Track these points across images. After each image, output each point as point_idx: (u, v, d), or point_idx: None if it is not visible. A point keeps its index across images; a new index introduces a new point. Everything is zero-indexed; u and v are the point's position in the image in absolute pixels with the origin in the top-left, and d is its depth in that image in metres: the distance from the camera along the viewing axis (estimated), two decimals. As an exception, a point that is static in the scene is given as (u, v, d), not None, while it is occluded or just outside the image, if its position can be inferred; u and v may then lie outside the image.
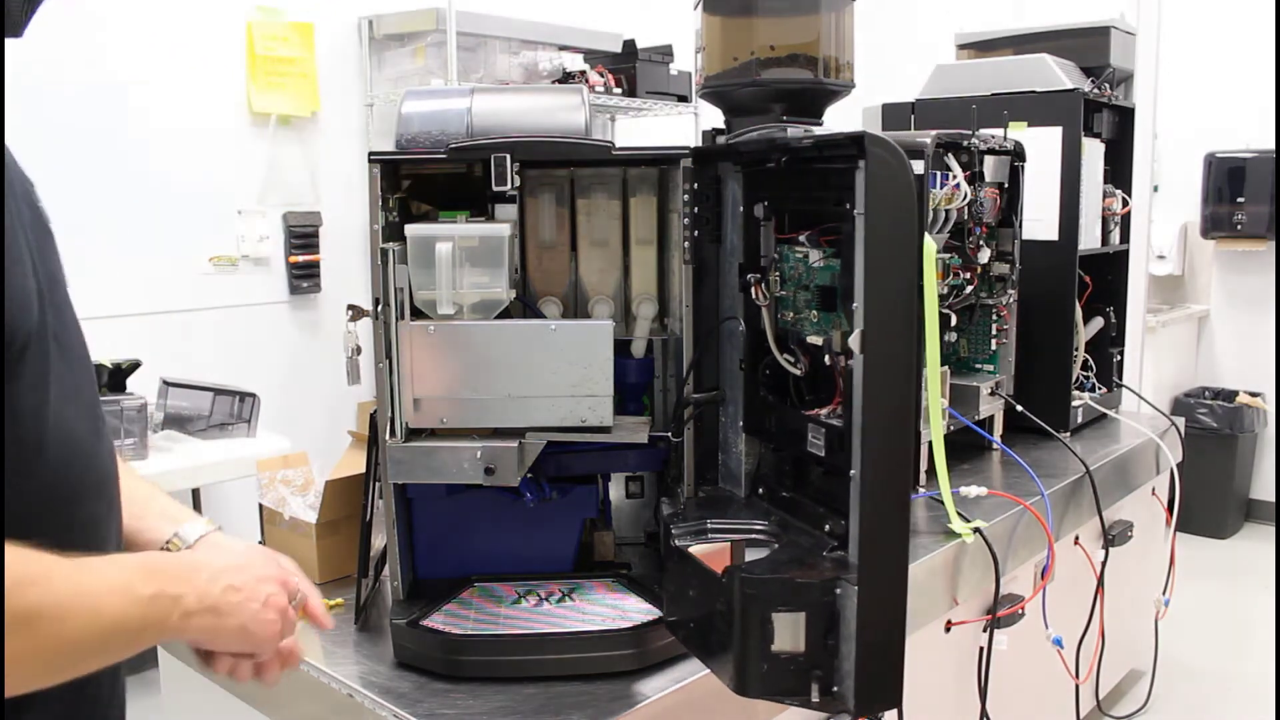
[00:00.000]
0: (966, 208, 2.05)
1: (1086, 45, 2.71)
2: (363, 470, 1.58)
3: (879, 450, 1.04)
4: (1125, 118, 2.75)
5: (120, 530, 0.99)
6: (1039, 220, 2.42)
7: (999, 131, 2.17)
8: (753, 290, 1.40)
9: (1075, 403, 2.53)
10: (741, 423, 1.46)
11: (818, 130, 1.68)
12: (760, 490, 1.45)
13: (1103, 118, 2.63)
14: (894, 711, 1.53)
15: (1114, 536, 2.35)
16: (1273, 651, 3.16)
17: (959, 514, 1.82)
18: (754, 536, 1.33)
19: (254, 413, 3.02)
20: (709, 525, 1.34)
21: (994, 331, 2.29)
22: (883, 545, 1.04)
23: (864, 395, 1.05)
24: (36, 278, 0.84)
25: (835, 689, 1.07)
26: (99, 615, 0.81)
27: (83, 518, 0.91)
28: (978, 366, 2.32)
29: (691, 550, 1.27)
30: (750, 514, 1.38)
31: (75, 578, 0.81)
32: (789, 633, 1.07)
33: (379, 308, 1.33)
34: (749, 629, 1.08)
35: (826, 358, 1.31)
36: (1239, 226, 4.58)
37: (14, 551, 0.76)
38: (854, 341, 1.27)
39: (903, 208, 1.03)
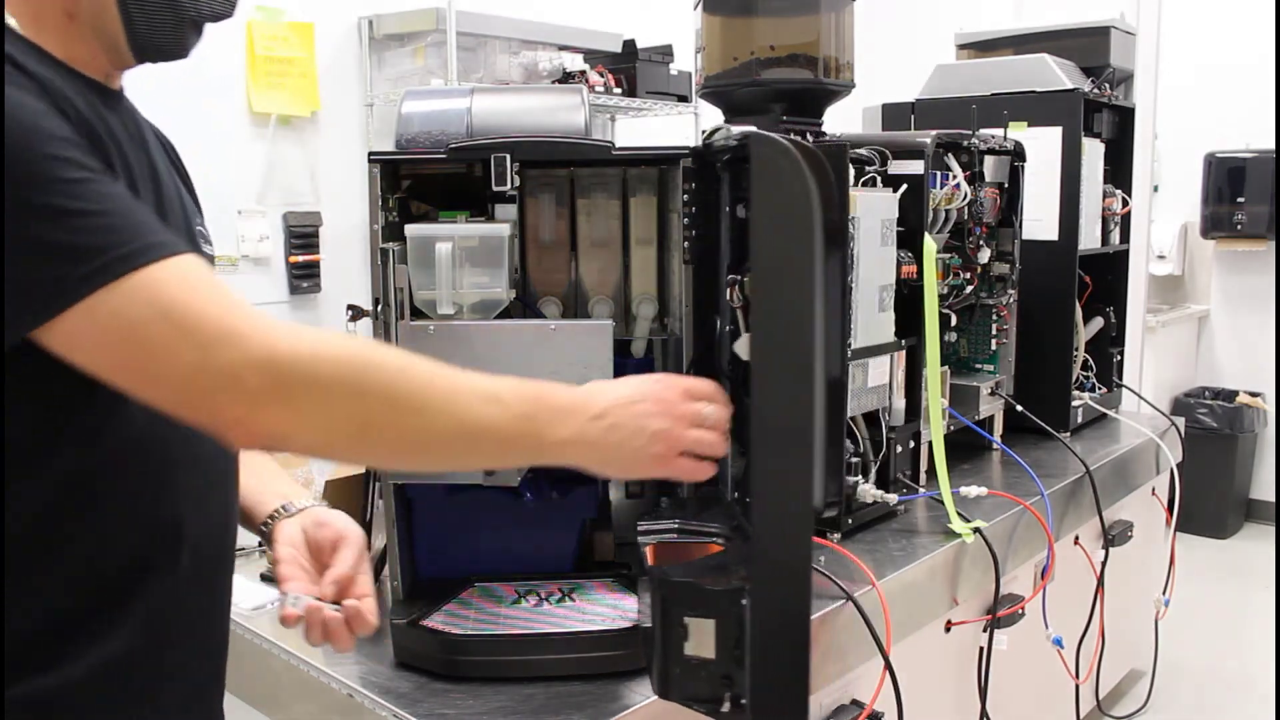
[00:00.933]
0: (966, 208, 2.05)
1: (1086, 45, 2.71)
2: (363, 470, 1.58)
3: (772, 463, 0.99)
4: (1125, 118, 2.75)
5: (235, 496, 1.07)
6: (1039, 220, 2.42)
7: (999, 131, 2.17)
8: (728, 292, 1.40)
9: (1075, 403, 2.53)
10: (729, 425, 1.46)
11: (744, 130, 1.67)
12: (737, 494, 1.45)
13: (1103, 118, 2.63)
14: (894, 711, 1.53)
15: (1114, 536, 2.35)
16: (1273, 651, 3.16)
17: (959, 514, 1.82)
18: (705, 540, 1.32)
19: (254, 413, 3.01)
20: (676, 526, 1.33)
21: (994, 331, 2.29)
22: (777, 557, 1.00)
23: (755, 406, 0.99)
24: None
25: (743, 701, 1.04)
26: (456, 412, 0.87)
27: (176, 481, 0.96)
28: (978, 366, 2.32)
29: (646, 549, 1.26)
30: (721, 517, 1.37)
31: (435, 371, 0.88)
32: (700, 639, 1.05)
33: (379, 308, 1.33)
34: (665, 631, 1.07)
35: None
36: (1239, 226, 4.58)
37: (366, 342, 0.87)
38: (740, 347, 1.26)
39: (792, 211, 0.95)
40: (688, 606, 1.05)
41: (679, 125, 4.42)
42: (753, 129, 0.98)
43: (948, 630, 1.85)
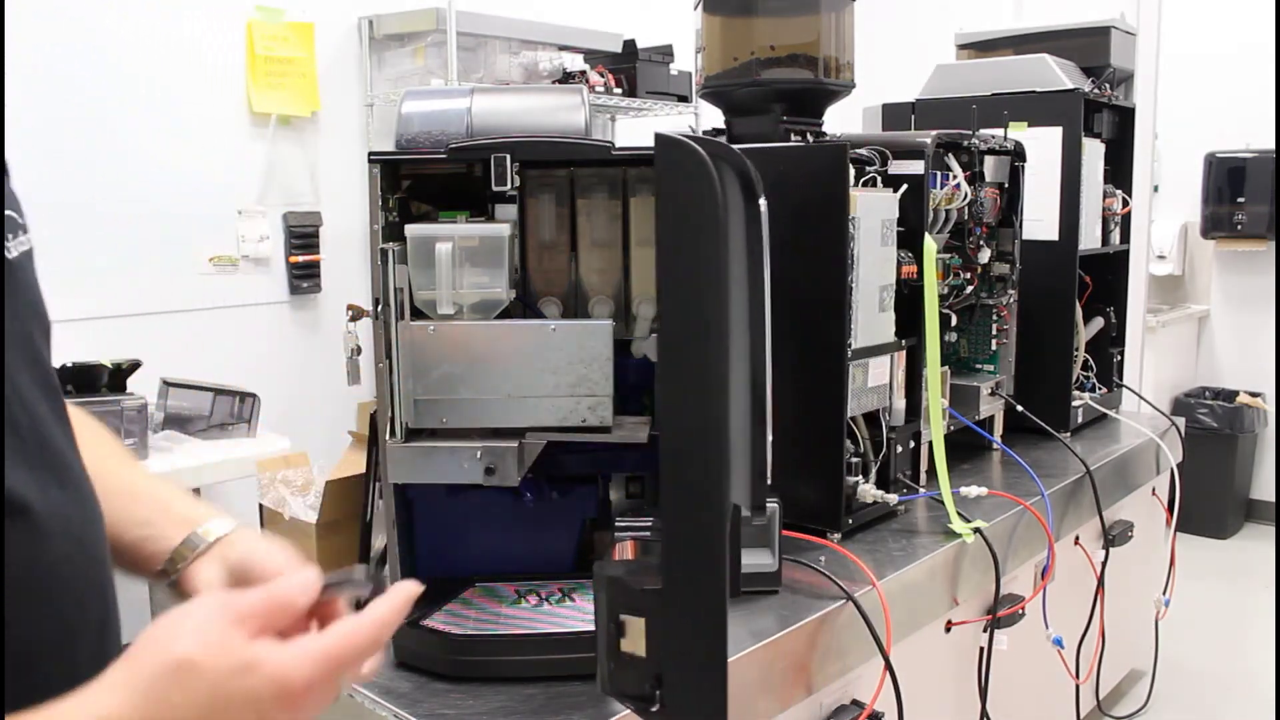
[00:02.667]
0: (967, 208, 2.05)
1: (1086, 45, 2.71)
2: (363, 470, 1.58)
3: (679, 470, 0.97)
4: (1125, 118, 2.75)
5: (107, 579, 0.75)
6: (1039, 220, 2.42)
7: (999, 131, 2.17)
8: None
9: (1075, 403, 2.53)
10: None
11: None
12: None
13: (1103, 118, 2.63)
14: (894, 711, 1.53)
15: (1114, 536, 2.35)
16: (1273, 651, 3.16)
17: (959, 514, 1.82)
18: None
19: (254, 413, 3.02)
20: (650, 523, 1.34)
21: (994, 331, 2.29)
22: (689, 560, 0.98)
23: (660, 410, 0.98)
24: None
25: (669, 700, 1.04)
26: None
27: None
28: (978, 366, 2.32)
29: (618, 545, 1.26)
30: None
31: None
32: (634, 636, 1.05)
33: (379, 308, 1.33)
34: (604, 625, 1.08)
35: None
36: (1239, 226, 4.58)
37: None
38: (649, 348, 1.25)
39: (696, 214, 0.92)
40: (622, 603, 1.05)
41: (679, 125, 4.42)
42: (660, 131, 0.97)
43: (948, 630, 1.85)
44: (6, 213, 0.73)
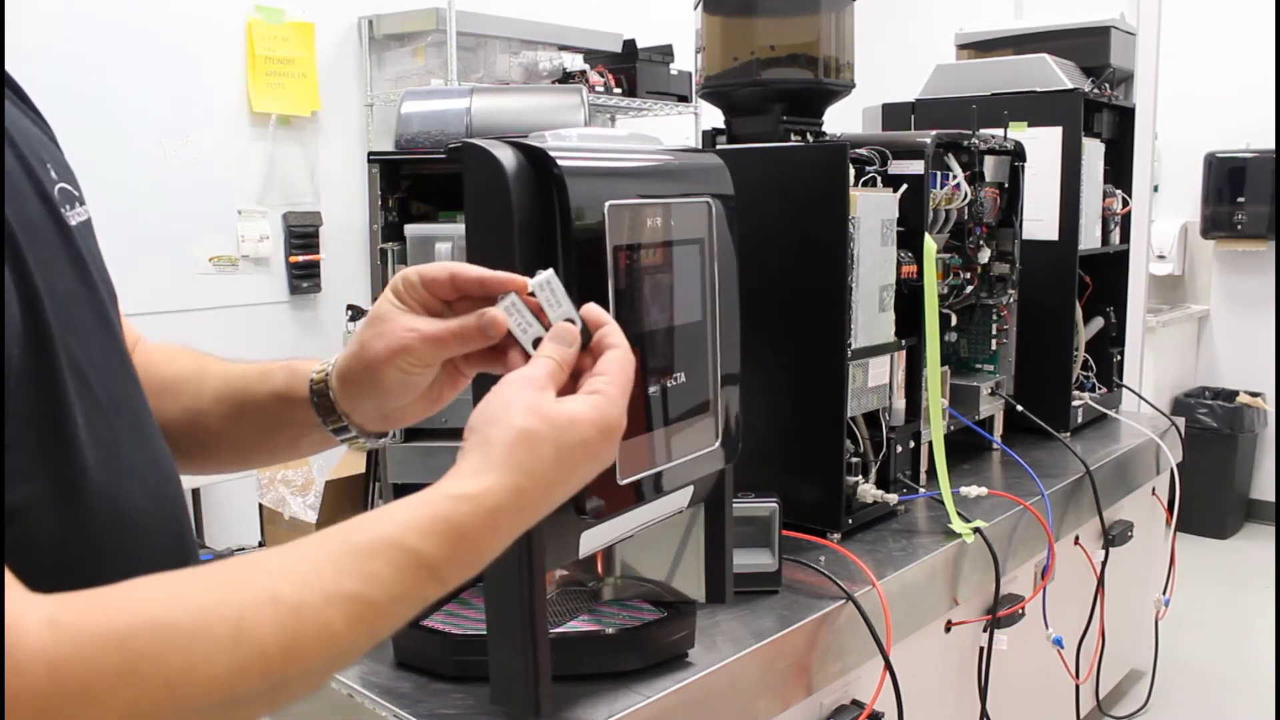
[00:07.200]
0: (966, 208, 2.05)
1: (1086, 45, 2.71)
2: (363, 470, 1.58)
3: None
4: (1125, 118, 2.75)
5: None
6: (1039, 220, 2.42)
7: (999, 131, 2.17)
8: None
9: (1075, 403, 2.53)
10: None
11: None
12: None
13: (1103, 118, 2.63)
14: (894, 711, 1.53)
15: (1114, 536, 2.35)
16: (1273, 651, 3.16)
17: (959, 514, 1.82)
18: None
19: (254, 413, 3.01)
20: None
21: (994, 331, 2.29)
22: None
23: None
24: (26, 286, 0.63)
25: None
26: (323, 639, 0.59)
27: None
28: (978, 366, 2.32)
29: None
30: None
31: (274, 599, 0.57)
32: None
33: (379, 308, 1.33)
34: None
35: None
36: (1239, 226, 4.58)
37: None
38: None
39: (492, 217, 1.01)
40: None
41: (679, 125, 4.42)
42: (468, 140, 1.04)
43: (948, 630, 1.85)
44: (64, 185, 0.78)
